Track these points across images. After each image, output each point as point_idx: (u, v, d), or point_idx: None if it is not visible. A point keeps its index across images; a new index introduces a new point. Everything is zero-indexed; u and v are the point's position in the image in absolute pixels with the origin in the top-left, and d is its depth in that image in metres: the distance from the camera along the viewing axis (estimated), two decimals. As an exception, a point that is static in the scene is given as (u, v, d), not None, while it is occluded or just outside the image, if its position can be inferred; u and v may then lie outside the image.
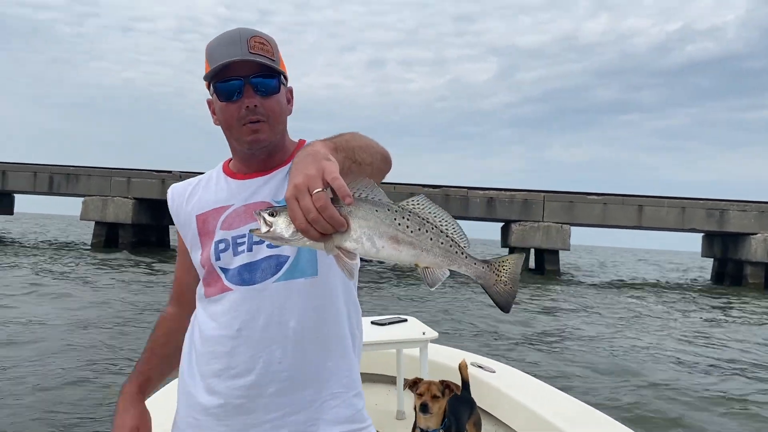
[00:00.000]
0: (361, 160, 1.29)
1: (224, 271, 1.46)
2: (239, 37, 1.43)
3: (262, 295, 1.41)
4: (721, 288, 25.23)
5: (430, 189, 27.34)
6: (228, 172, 1.58)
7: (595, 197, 26.67)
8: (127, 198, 28.19)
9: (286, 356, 1.40)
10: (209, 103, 1.54)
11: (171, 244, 31.78)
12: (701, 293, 22.19)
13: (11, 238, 33.72)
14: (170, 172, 28.58)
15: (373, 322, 3.94)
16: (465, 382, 3.38)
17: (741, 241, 25.92)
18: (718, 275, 29.15)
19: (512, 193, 27.11)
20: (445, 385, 2.96)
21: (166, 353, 1.68)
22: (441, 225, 1.15)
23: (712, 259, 30.03)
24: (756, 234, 25.07)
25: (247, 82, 1.43)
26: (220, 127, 1.53)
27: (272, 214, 1.08)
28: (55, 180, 29.37)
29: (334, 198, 1.04)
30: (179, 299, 1.72)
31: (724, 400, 7.13)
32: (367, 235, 1.07)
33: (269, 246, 1.42)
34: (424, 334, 3.69)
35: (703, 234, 29.43)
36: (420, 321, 4.09)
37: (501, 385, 3.56)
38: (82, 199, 28.63)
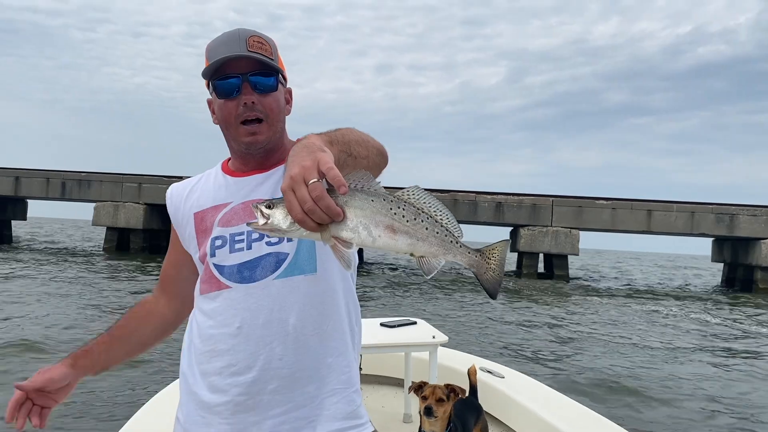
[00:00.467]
0: (356, 153, 1.31)
1: (219, 267, 1.46)
2: (238, 36, 1.45)
3: (263, 293, 1.42)
4: (731, 293, 25.06)
5: (438, 193, 27.38)
6: (227, 170, 1.59)
7: (604, 202, 26.63)
8: (138, 203, 28.44)
9: (286, 353, 1.40)
10: (209, 102, 1.55)
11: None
12: (712, 300, 21.93)
13: (26, 243, 34.08)
14: (181, 177, 28.78)
15: (382, 324, 3.90)
16: (473, 388, 3.33)
17: (751, 246, 25.78)
18: (728, 280, 28.97)
19: (521, 197, 27.09)
20: (450, 389, 2.94)
21: (121, 333, 1.65)
22: (435, 215, 1.15)
23: (722, 263, 29.88)
24: (766, 239, 24.96)
25: (245, 80, 1.44)
26: (219, 126, 1.54)
27: (269, 206, 1.09)
28: (67, 186, 29.66)
29: (330, 189, 1.05)
30: (162, 287, 1.73)
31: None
32: (363, 225, 1.08)
33: (268, 243, 1.43)
34: (433, 337, 3.65)
35: (713, 239, 29.29)
36: (430, 324, 4.03)
37: (510, 390, 3.52)
38: (93, 204, 28.93)
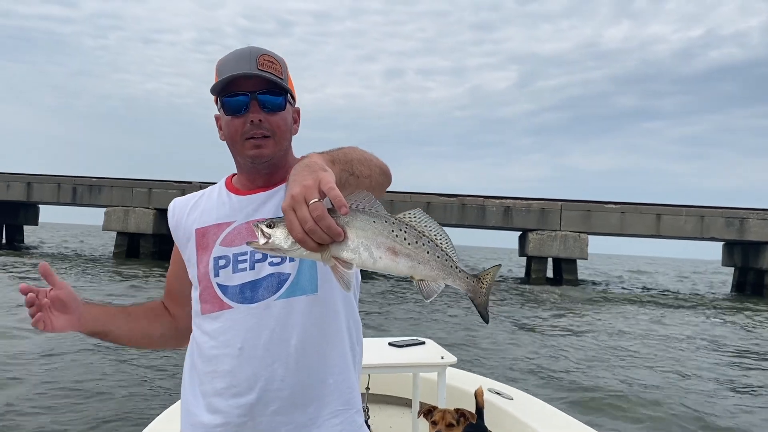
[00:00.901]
0: (358, 173, 1.30)
1: (223, 288, 1.45)
2: (249, 54, 1.44)
3: (265, 313, 1.41)
4: (742, 298, 24.83)
5: (446, 198, 27.40)
6: (230, 187, 1.58)
7: (613, 206, 26.55)
8: (148, 208, 28.65)
9: (288, 374, 1.39)
10: (217, 118, 1.55)
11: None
12: (724, 306, 21.66)
13: (39, 248, 34.39)
14: (190, 182, 29.00)
15: (391, 344, 3.82)
16: (480, 410, 3.29)
17: (762, 250, 25.59)
18: (738, 284, 28.76)
19: (529, 201, 27.04)
20: (461, 413, 2.91)
21: (130, 311, 1.65)
22: (436, 239, 1.15)
23: (733, 268, 29.69)
24: (777, 243, 24.77)
25: (253, 98, 1.43)
26: (225, 143, 1.54)
27: (270, 226, 1.08)
28: (78, 191, 29.94)
29: (332, 209, 1.04)
30: (169, 299, 1.74)
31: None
32: (364, 246, 1.07)
33: (271, 264, 1.42)
34: (442, 358, 3.56)
35: (723, 243, 29.12)
36: (438, 344, 3.94)
37: (518, 412, 3.48)
38: (104, 209, 29.15)
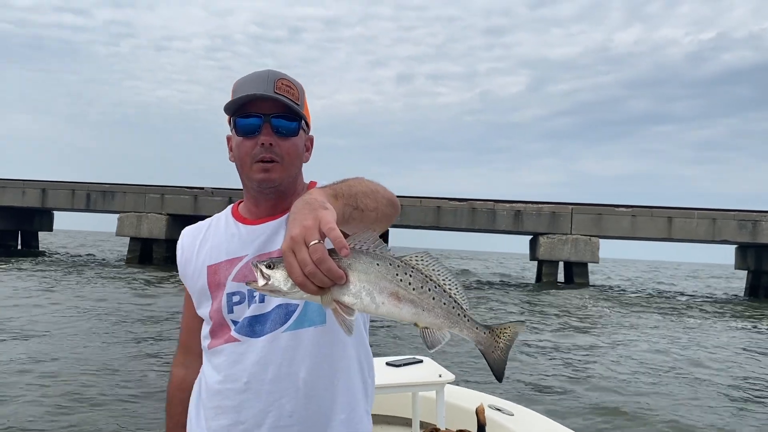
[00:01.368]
0: (363, 206, 1.24)
1: (234, 322, 1.43)
2: (267, 77, 1.42)
3: (271, 346, 1.37)
4: (756, 302, 24.60)
5: (457, 202, 27.43)
6: (238, 216, 1.54)
7: (624, 209, 26.45)
8: (161, 214, 28.91)
9: (296, 409, 1.35)
10: (228, 139, 1.53)
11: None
12: (739, 310, 21.40)
13: (53, 253, 34.79)
14: (202, 188, 29.23)
15: (388, 363, 3.79)
16: (481, 428, 3.27)
17: (776, 253, 25.39)
18: (752, 288, 28.50)
19: (539, 205, 26.99)
20: None
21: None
22: (444, 284, 1.09)
23: (746, 271, 29.44)
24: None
25: (267, 121, 1.41)
26: (234, 164, 1.51)
27: (270, 266, 1.04)
28: (92, 197, 30.25)
29: (333, 250, 1.00)
30: (188, 347, 1.66)
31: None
32: (366, 290, 1.03)
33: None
34: (440, 376, 3.55)
35: (736, 246, 28.91)
36: (436, 362, 3.92)
37: (519, 428, 3.44)
38: (117, 215, 29.44)
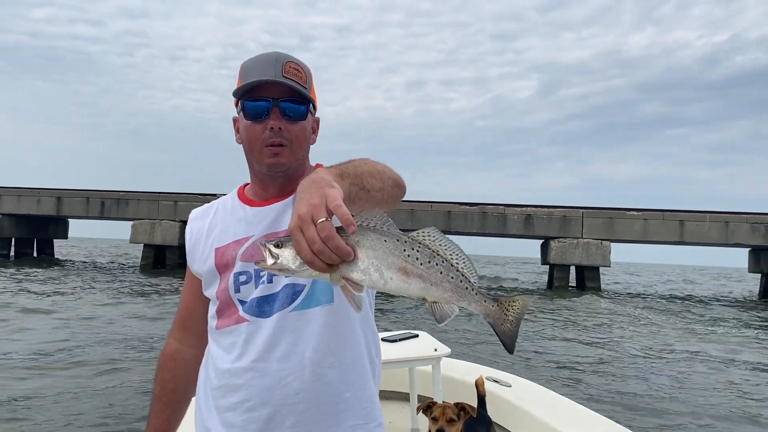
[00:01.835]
0: (369, 186, 1.26)
1: (242, 303, 1.43)
2: (275, 59, 1.42)
3: (279, 326, 1.38)
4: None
5: (467, 207, 27.47)
6: (244, 199, 1.54)
7: (635, 213, 26.36)
8: (174, 221, 29.18)
9: (303, 387, 1.36)
10: (235, 120, 1.53)
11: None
12: (754, 312, 21.38)
13: (68, 260, 35.18)
14: (215, 195, 29.45)
15: (384, 339, 3.78)
16: (481, 399, 3.24)
17: (789, 256, 25.18)
18: (765, 291, 28.30)
19: (550, 209, 26.97)
20: (461, 407, 2.87)
21: (177, 399, 1.64)
22: (451, 258, 1.10)
23: (760, 274, 29.22)
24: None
25: (275, 105, 1.41)
26: (241, 146, 1.51)
27: (278, 246, 1.05)
28: (106, 204, 30.56)
29: (341, 227, 1.01)
30: (184, 324, 1.67)
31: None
32: (375, 266, 1.03)
33: (287, 275, 1.41)
34: (436, 350, 3.55)
35: (749, 249, 28.72)
36: (432, 336, 3.92)
37: (517, 399, 3.46)
38: (131, 222, 29.77)
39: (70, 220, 36.37)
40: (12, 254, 32.70)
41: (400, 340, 3.82)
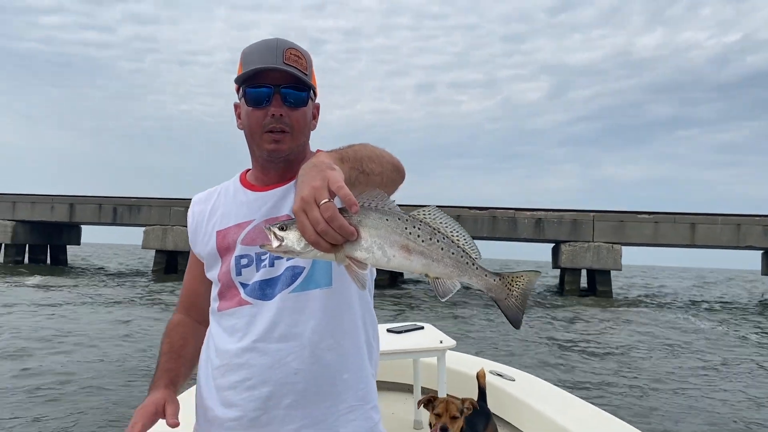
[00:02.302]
0: (369, 170, 1.28)
1: (243, 285, 1.45)
2: (276, 46, 1.44)
3: (279, 307, 1.40)
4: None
5: (477, 211, 27.42)
6: (246, 183, 1.57)
7: (646, 216, 26.21)
8: (185, 227, 29.21)
9: (302, 367, 1.38)
10: (236, 106, 1.54)
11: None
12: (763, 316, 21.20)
13: (81, 266, 35.46)
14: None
15: (389, 330, 3.81)
16: (482, 392, 3.26)
17: (803, 258, 24.95)
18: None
19: (561, 213, 26.86)
20: (464, 404, 2.87)
21: (188, 355, 1.63)
22: (452, 235, 1.12)
23: (773, 277, 28.98)
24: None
25: (277, 91, 1.43)
26: (243, 132, 1.53)
27: (282, 228, 1.07)
28: (118, 211, 30.80)
29: (343, 208, 1.03)
30: (188, 307, 1.70)
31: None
32: (378, 244, 1.06)
33: (289, 258, 1.41)
34: (441, 342, 3.55)
35: (762, 251, 28.47)
36: (437, 329, 3.91)
37: (520, 393, 3.45)
38: (143, 228, 29.89)
39: (82, 226, 36.70)
40: (26, 260, 33.02)
41: (406, 331, 3.84)
